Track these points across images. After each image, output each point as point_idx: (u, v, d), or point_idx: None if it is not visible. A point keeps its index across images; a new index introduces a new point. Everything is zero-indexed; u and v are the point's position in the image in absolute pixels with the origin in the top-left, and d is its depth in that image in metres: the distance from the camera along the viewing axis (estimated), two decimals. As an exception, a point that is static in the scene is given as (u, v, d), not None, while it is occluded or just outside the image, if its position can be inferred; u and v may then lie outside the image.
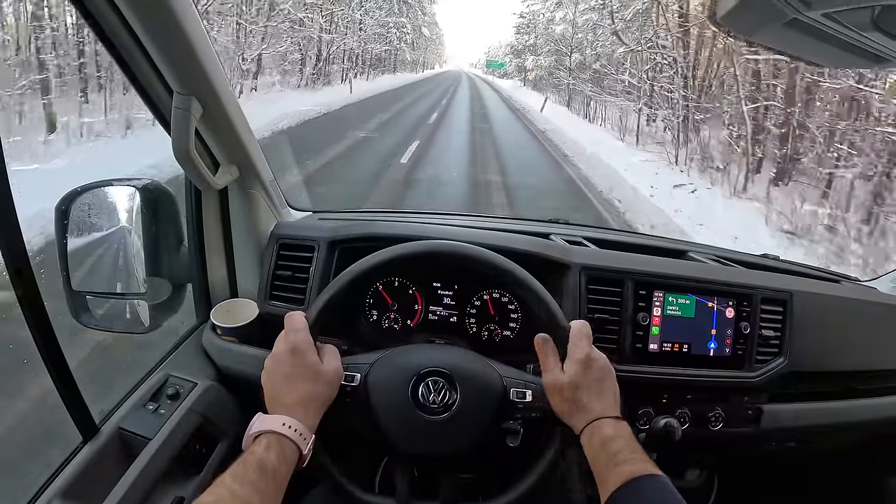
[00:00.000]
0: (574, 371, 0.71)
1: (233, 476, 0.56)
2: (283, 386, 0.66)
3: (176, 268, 0.98)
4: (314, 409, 0.66)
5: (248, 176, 0.94)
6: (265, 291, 0.97)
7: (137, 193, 0.93)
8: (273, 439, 0.60)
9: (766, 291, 0.98)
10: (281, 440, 0.61)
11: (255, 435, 0.62)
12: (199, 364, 0.95)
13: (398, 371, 0.74)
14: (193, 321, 1.04)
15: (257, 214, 0.99)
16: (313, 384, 0.66)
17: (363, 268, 0.76)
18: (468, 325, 0.99)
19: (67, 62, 7.30)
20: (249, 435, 0.62)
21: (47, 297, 0.69)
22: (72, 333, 0.90)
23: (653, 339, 0.94)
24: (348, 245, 0.96)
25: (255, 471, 0.57)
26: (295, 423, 0.62)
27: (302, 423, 0.63)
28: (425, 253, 0.76)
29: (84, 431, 0.79)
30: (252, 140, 0.91)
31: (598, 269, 0.94)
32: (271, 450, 0.59)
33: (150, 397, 0.87)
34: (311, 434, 0.64)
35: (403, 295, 0.99)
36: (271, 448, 0.59)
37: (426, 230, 1.00)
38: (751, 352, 0.96)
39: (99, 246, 0.98)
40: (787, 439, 1.09)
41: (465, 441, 0.72)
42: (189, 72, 0.72)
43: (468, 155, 9.17)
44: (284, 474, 0.60)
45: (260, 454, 0.59)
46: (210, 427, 0.89)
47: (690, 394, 0.96)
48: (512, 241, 0.95)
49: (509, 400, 0.73)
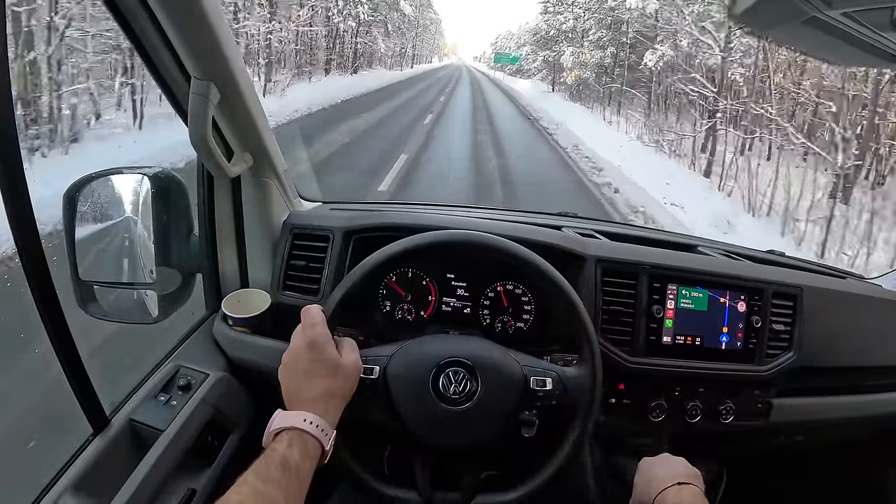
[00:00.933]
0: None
1: (256, 474, 0.55)
2: (303, 381, 0.65)
3: (186, 257, 0.96)
4: (335, 405, 0.65)
5: (261, 164, 0.93)
6: (279, 281, 0.96)
7: (147, 181, 0.92)
8: (295, 435, 0.59)
9: (778, 286, 0.99)
10: (303, 436, 0.60)
11: (276, 432, 0.61)
12: (210, 355, 0.94)
13: (418, 362, 0.74)
14: (203, 312, 1.03)
15: (270, 204, 0.98)
16: (333, 379, 0.65)
17: (381, 258, 0.75)
18: (482, 317, 0.99)
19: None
20: (270, 432, 0.61)
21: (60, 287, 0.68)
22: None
23: (666, 331, 0.94)
24: (364, 235, 0.95)
25: (278, 468, 0.56)
26: (316, 418, 0.61)
27: (323, 419, 0.62)
28: (444, 243, 0.76)
29: (95, 423, 0.78)
30: (267, 128, 0.89)
31: (613, 262, 0.94)
32: (294, 446, 0.58)
33: (161, 388, 0.85)
34: (332, 430, 0.63)
35: (417, 286, 0.99)
36: (294, 445, 0.59)
37: (441, 220, 0.99)
38: (762, 346, 0.97)
39: (107, 235, 0.97)
40: (796, 433, 1.10)
41: (486, 431, 0.72)
42: (208, 57, 0.71)
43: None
44: (308, 471, 0.59)
45: (282, 451, 0.58)
46: (222, 419, 0.88)
47: (702, 387, 0.96)
48: (527, 232, 0.94)
49: (529, 388, 0.73)
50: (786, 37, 0.48)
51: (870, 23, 0.37)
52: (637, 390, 0.94)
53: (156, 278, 0.94)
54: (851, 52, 0.44)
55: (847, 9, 0.36)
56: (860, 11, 0.36)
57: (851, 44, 0.41)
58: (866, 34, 0.39)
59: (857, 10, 0.36)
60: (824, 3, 0.35)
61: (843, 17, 0.37)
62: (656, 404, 0.94)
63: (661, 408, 0.94)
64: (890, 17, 0.35)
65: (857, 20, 0.37)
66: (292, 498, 0.56)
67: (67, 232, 0.89)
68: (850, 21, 0.37)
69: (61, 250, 0.86)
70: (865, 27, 0.37)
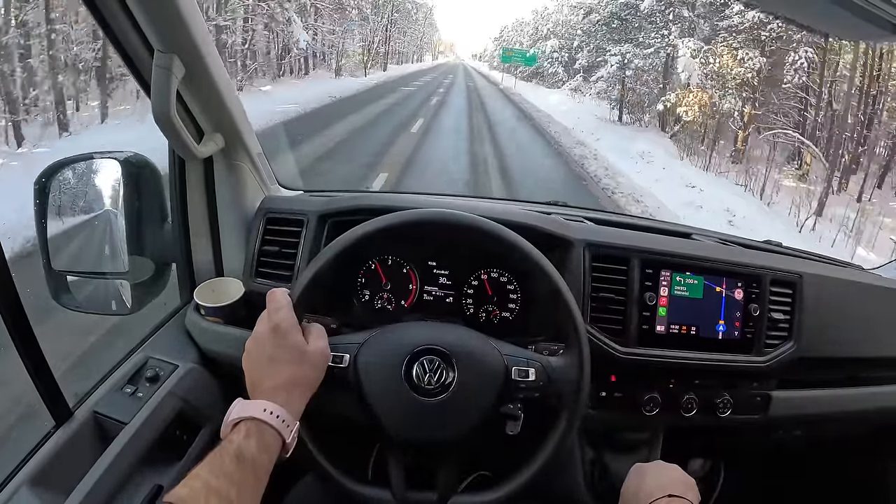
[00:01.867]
0: None
1: (209, 467, 0.52)
2: (265, 369, 0.62)
3: (160, 246, 0.93)
4: (298, 394, 0.62)
5: (234, 146, 0.90)
6: (251, 268, 0.92)
7: (120, 167, 0.89)
8: (253, 426, 0.56)
9: (776, 273, 0.95)
10: (261, 427, 0.56)
11: (235, 422, 0.57)
12: (181, 346, 0.91)
13: (390, 350, 0.69)
14: (178, 302, 1.00)
15: (244, 188, 0.94)
16: (298, 367, 0.62)
17: (351, 238, 0.71)
18: (465, 306, 0.95)
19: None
20: (228, 422, 0.58)
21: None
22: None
23: (660, 320, 0.90)
24: (339, 219, 0.91)
25: (232, 461, 0.53)
26: (277, 408, 0.58)
27: (284, 409, 0.58)
28: (419, 221, 0.72)
29: (57, 415, 0.75)
30: (239, 107, 0.86)
31: (603, 246, 0.89)
32: (251, 438, 0.55)
33: (127, 380, 0.82)
34: (294, 421, 0.60)
35: (397, 274, 0.95)
36: (251, 436, 0.55)
37: (421, 202, 0.95)
38: (760, 335, 0.93)
39: (80, 223, 0.94)
40: (795, 427, 1.06)
41: (464, 425, 0.68)
42: (170, 27, 0.68)
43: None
44: (265, 464, 0.56)
45: (238, 443, 0.55)
46: (192, 412, 0.84)
47: (698, 379, 0.92)
48: (511, 214, 0.90)
49: (511, 379, 0.69)
50: (780, 5, 0.45)
51: None
52: (629, 382, 0.90)
53: (129, 268, 0.91)
54: (851, 20, 0.42)
55: None
56: None
57: (852, 11, 0.40)
58: (864, 2, 0.37)
59: None
60: None
61: None
62: (650, 397, 0.90)
63: (654, 401, 0.90)
64: None
65: None
66: (247, 493, 0.52)
67: (38, 221, 0.86)
68: None
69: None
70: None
